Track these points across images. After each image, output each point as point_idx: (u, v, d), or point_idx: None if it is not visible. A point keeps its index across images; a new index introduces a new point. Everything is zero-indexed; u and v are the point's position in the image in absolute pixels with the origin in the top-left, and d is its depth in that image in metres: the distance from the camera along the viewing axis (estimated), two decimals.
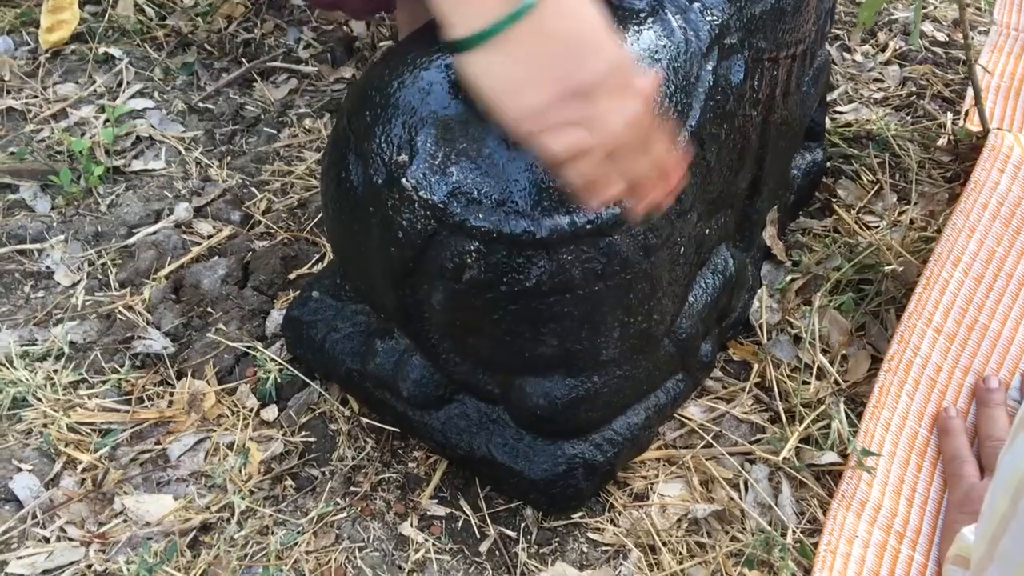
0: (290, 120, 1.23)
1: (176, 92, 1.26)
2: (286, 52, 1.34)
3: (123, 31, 1.34)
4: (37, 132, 1.18)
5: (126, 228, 1.06)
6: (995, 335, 0.86)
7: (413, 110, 0.70)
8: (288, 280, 1.01)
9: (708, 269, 0.87)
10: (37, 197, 1.09)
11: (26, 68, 1.28)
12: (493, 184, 0.67)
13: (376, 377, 0.83)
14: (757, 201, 0.93)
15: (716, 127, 0.79)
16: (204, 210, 1.09)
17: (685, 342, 0.83)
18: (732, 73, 0.80)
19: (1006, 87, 1.20)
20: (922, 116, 1.22)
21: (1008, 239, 0.89)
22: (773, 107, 0.88)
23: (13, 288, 1.00)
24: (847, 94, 1.28)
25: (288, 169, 1.15)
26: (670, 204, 0.70)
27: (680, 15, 0.78)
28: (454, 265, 0.69)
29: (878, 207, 1.08)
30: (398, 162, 0.69)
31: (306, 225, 1.07)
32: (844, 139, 1.17)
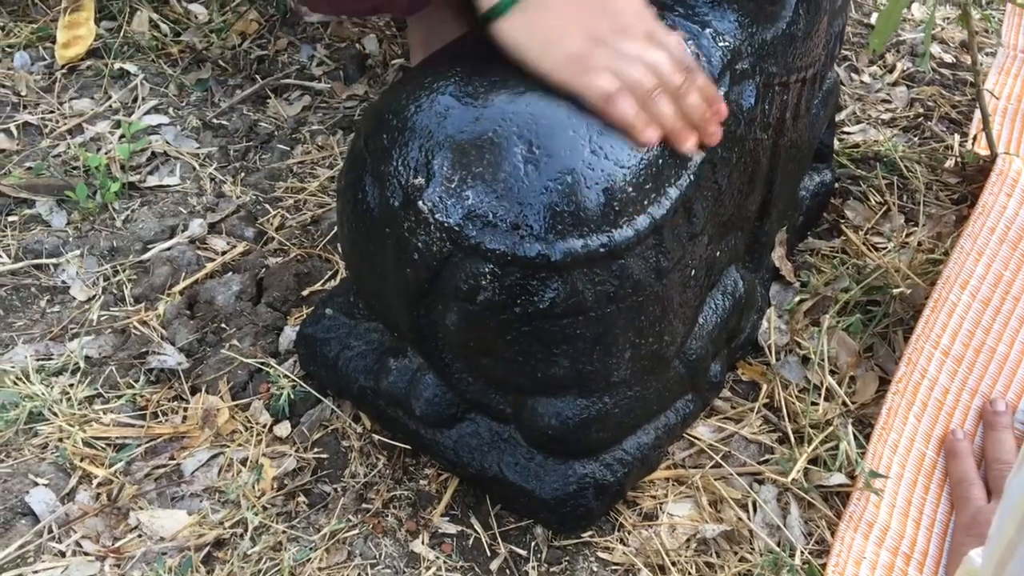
0: (303, 137, 1.24)
1: (191, 108, 1.27)
2: (299, 69, 1.36)
3: (138, 47, 1.36)
4: (53, 147, 1.19)
5: (141, 244, 1.08)
6: (1003, 358, 0.87)
7: (430, 134, 0.71)
8: (301, 297, 1.02)
9: (718, 290, 0.88)
10: (53, 212, 1.10)
11: (42, 83, 1.30)
12: (508, 208, 0.68)
13: (389, 395, 0.83)
14: (767, 223, 0.94)
15: (727, 151, 0.80)
16: (218, 226, 1.11)
17: (695, 363, 0.84)
18: (744, 98, 0.81)
19: (1013, 109, 1.21)
20: (930, 137, 1.23)
21: (1016, 263, 0.90)
22: (783, 130, 0.89)
23: (29, 303, 1.01)
24: (855, 115, 1.29)
25: (301, 186, 1.16)
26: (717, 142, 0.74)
27: (692, 41, 0.79)
28: (469, 287, 0.70)
29: (886, 228, 1.09)
30: (414, 185, 0.70)
31: (319, 242, 1.08)
32: (852, 160, 1.18)
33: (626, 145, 0.71)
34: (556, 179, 0.69)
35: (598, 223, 0.69)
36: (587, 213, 0.69)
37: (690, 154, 0.73)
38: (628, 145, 0.71)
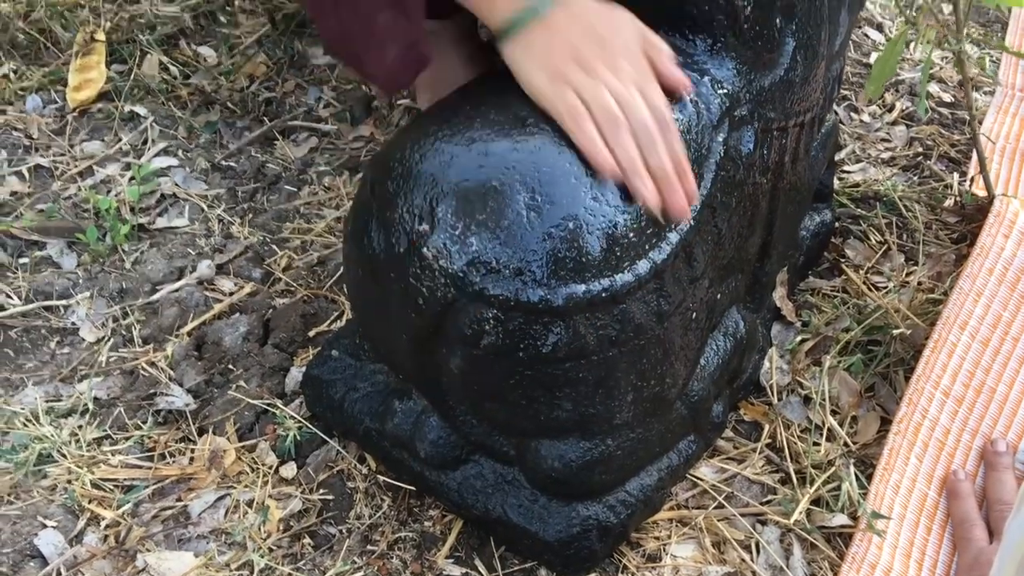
0: (310, 178, 1.26)
1: (200, 150, 1.29)
2: (307, 111, 1.38)
3: (148, 90, 1.38)
4: (64, 190, 1.21)
5: (150, 285, 1.09)
6: (1003, 398, 0.87)
7: (434, 181, 0.73)
8: (308, 337, 1.03)
9: (719, 332, 0.89)
10: (64, 254, 1.12)
11: (54, 126, 1.32)
12: (511, 254, 0.70)
13: (394, 437, 0.84)
14: (767, 264, 0.95)
15: (727, 196, 0.81)
16: (226, 267, 1.12)
17: (697, 404, 0.84)
18: (742, 143, 0.82)
19: (1011, 149, 1.22)
20: (929, 177, 1.25)
21: (1014, 303, 0.90)
22: (782, 173, 0.90)
23: (39, 344, 1.03)
24: (855, 154, 1.30)
25: (308, 227, 1.18)
26: (687, 216, 0.74)
27: (692, 88, 0.80)
28: (472, 332, 0.71)
29: (886, 267, 1.10)
30: (419, 232, 0.72)
31: (325, 283, 1.10)
32: (852, 199, 1.20)
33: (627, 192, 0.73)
34: (558, 226, 0.70)
35: (600, 268, 0.71)
36: (589, 259, 0.70)
37: (646, 207, 0.72)
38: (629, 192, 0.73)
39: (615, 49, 0.74)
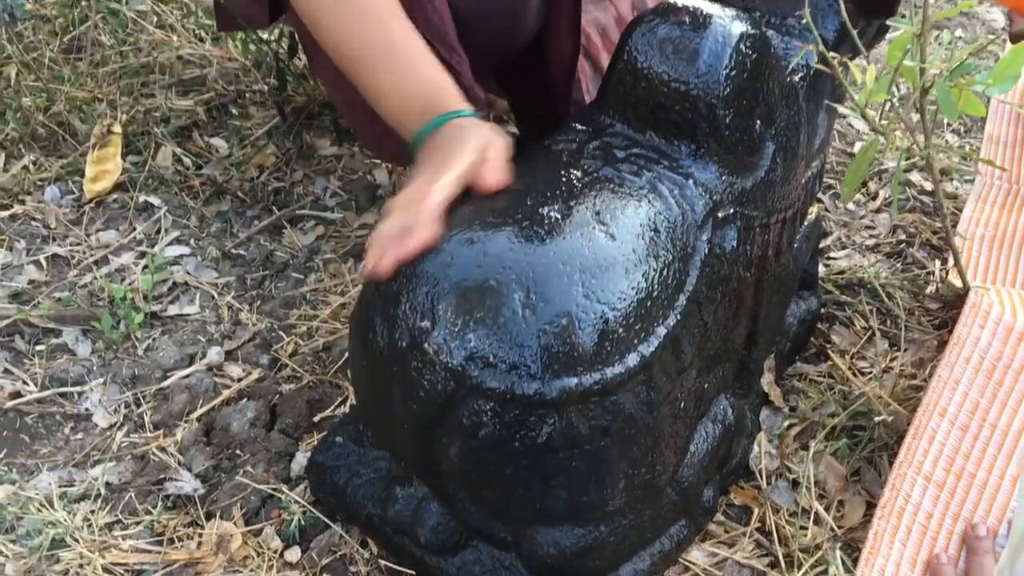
0: (316, 265, 1.31)
1: (211, 239, 1.35)
2: (314, 200, 1.44)
3: (162, 180, 1.44)
4: (80, 278, 1.26)
5: (161, 371, 1.13)
6: (982, 483, 0.91)
7: (435, 280, 0.77)
8: (313, 423, 1.06)
9: (708, 419, 0.92)
10: (79, 341, 1.16)
11: (71, 216, 1.38)
12: (507, 349, 0.74)
13: (395, 522, 0.88)
14: (754, 352, 0.99)
15: (713, 291, 0.86)
16: (235, 353, 1.16)
17: (687, 490, 0.88)
18: (726, 241, 0.87)
19: (991, 237, 1.27)
20: (912, 263, 1.30)
21: (991, 391, 0.94)
22: (766, 267, 0.95)
23: (54, 430, 1.06)
24: (840, 241, 1.36)
25: (314, 313, 1.23)
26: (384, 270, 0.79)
27: (677, 190, 0.85)
28: (471, 423, 0.75)
29: (871, 353, 1.14)
30: (421, 328, 0.76)
31: (330, 368, 1.14)
32: (838, 286, 1.24)
33: (617, 289, 0.77)
34: (551, 322, 0.74)
35: (591, 362, 0.75)
36: (581, 353, 0.74)
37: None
38: (618, 289, 0.77)
39: (430, 161, 0.85)
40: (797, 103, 0.95)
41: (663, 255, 0.81)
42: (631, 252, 0.79)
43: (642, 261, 0.79)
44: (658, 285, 0.79)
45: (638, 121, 0.89)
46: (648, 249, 0.80)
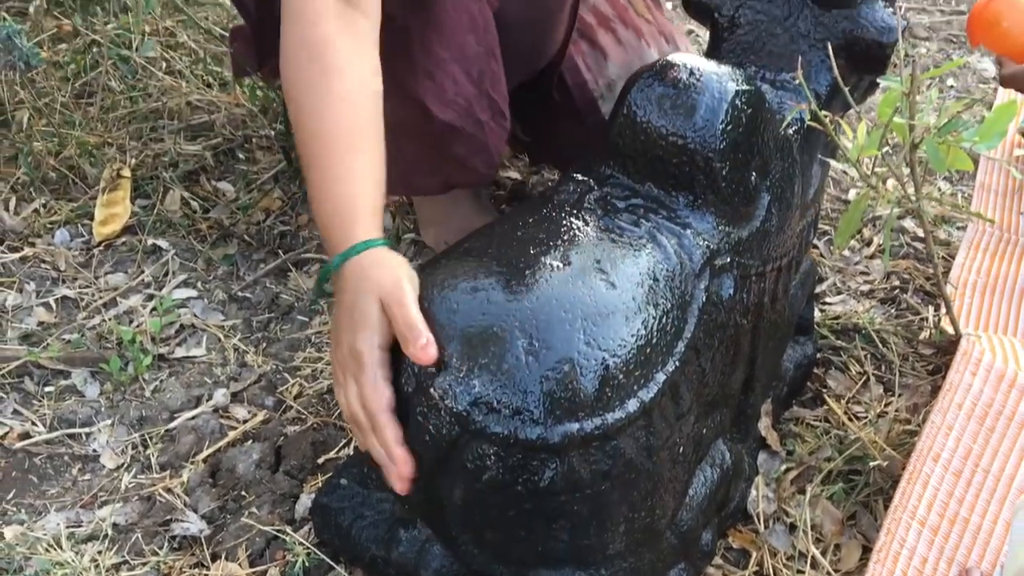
0: (321, 308, 1.34)
1: (217, 282, 1.37)
2: (319, 244, 1.46)
3: (170, 224, 1.47)
4: (89, 320, 1.29)
5: (168, 413, 1.15)
6: (976, 528, 0.92)
7: (441, 327, 0.80)
8: (317, 465, 1.08)
9: (707, 463, 0.94)
10: (87, 383, 1.18)
11: (80, 259, 1.40)
12: (511, 395, 0.76)
13: (399, 564, 0.89)
14: (751, 396, 1.02)
15: (710, 337, 0.88)
16: (240, 395, 1.18)
17: (686, 534, 0.89)
18: (723, 289, 0.90)
19: (983, 284, 1.30)
20: (906, 309, 1.32)
21: (983, 437, 0.96)
22: (762, 313, 0.98)
23: (62, 471, 1.08)
24: (835, 286, 1.38)
25: (319, 355, 1.25)
26: (403, 492, 0.81)
27: (675, 239, 0.88)
28: (475, 466, 0.77)
29: (866, 397, 1.16)
30: (427, 373, 0.78)
31: (334, 411, 1.16)
32: (833, 331, 1.27)
33: (617, 336, 0.79)
34: (554, 369, 0.76)
35: (592, 407, 0.77)
36: (582, 399, 0.76)
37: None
38: (619, 336, 0.80)
39: (343, 340, 0.83)
40: (791, 155, 0.98)
41: (662, 303, 0.83)
42: (631, 300, 0.81)
43: (642, 309, 0.81)
44: (657, 332, 0.82)
45: (637, 172, 0.92)
46: (647, 297, 0.82)
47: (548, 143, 1.43)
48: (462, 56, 1.11)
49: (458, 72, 1.11)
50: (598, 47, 1.35)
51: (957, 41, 2.20)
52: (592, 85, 1.33)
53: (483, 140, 1.16)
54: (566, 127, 1.34)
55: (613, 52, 1.36)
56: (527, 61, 1.22)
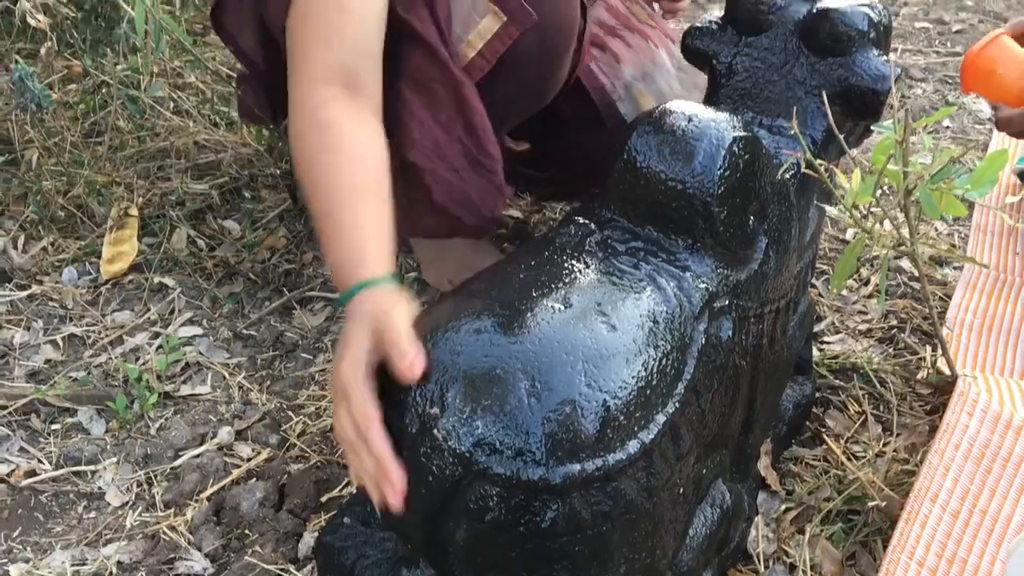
0: (325, 346, 1.35)
1: (223, 320, 1.39)
2: (323, 281, 1.48)
3: (176, 262, 1.49)
4: (96, 357, 1.30)
5: (173, 451, 1.16)
6: (973, 568, 0.93)
7: (445, 369, 0.81)
8: (320, 503, 1.09)
9: (707, 503, 0.95)
10: (93, 421, 1.19)
11: (87, 297, 1.42)
12: (513, 436, 0.77)
13: None
14: (751, 436, 1.03)
15: (709, 379, 0.89)
16: (245, 433, 1.19)
17: (687, 574, 0.90)
18: (722, 331, 0.91)
19: (979, 324, 1.32)
20: (904, 349, 1.33)
21: (980, 478, 0.97)
22: (761, 354, 0.99)
23: (68, 508, 1.09)
24: (834, 325, 1.40)
25: (322, 393, 1.26)
26: (397, 506, 0.82)
27: (675, 282, 0.90)
28: (477, 507, 0.78)
29: (864, 437, 1.17)
30: (431, 415, 0.80)
31: (337, 449, 1.17)
32: (832, 371, 1.28)
33: (618, 378, 0.81)
34: (555, 410, 0.78)
35: (593, 449, 0.78)
36: (583, 440, 0.78)
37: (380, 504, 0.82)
38: (620, 378, 0.81)
39: (336, 368, 0.86)
40: (788, 199, 1.00)
41: (662, 345, 0.84)
42: (631, 342, 0.83)
43: (642, 351, 0.83)
44: (657, 374, 0.83)
45: (638, 216, 0.94)
46: (648, 339, 0.84)
47: (566, 161, 1.48)
48: (429, 102, 1.14)
49: (424, 115, 1.14)
50: (609, 52, 1.40)
51: (953, 82, 2.24)
52: (609, 88, 1.37)
53: (461, 188, 1.18)
54: (586, 137, 1.38)
55: (625, 55, 1.41)
56: (536, 95, 1.26)
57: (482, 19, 1.13)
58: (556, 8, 1.16)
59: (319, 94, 0.99)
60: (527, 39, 1.15)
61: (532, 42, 1.16)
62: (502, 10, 1.12)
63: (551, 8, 1.15)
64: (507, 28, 1.13)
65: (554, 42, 1.19)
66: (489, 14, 1.13)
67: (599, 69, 1.37)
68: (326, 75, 1.00)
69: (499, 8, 1.12)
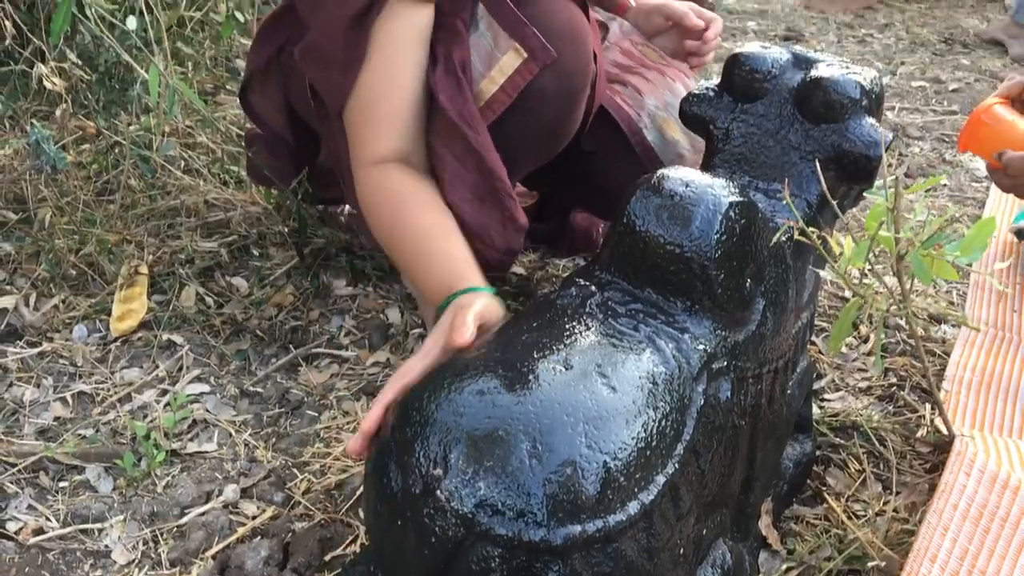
0: (330, 403, 1.37)
1: (230, 377, 1.41)
2: (329, 338, 1.50)
3: (185, 319, 1.51)
4: (104, 415, 1.32)
5: (179, 508, 1.17)
6: None
7: (448, 430, 0.83)
8: (324, 562, 1.10)
9: (708, 563, 0.96)
10: (101, 478, 1.21)
11: (97, 354, 1.44)
12: (515, 497, 0.78)
13: None
14: (751, 496, 1.04)
15: (709, 440, 0.91)
16: (250, 491, 1.21)
17: None
18: (721, 392, 0.93)
19: (977, 381, 1.33)
20: (903, 406, 1.35)
21: (979, 538, 0.98)
22: (760, 414, 1.00)
23: (74, 567, 1.10)
24: (834, 382, 1.41)
25: (327, 451, 1.27)
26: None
27: (674, 344, 0.92)
28: (480, 568, 0.79)
29: (865, 495, 1.18)
30: (434, 475, 0.81)
31: (342, 507, 1.18)
32: (832, 428, 1.29)
33: (618, 439, 0.82)
34: (557, 472, 0.79)
35: (594, 510, 0.79)
36: (584, 501, 0.79)
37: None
38: (620, 439, 0.82)
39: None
40: (785, 262, 1.02)
41: (661, 406, 0.86)
42: (631, 403, 0.84)
43: (642, 412, 0.84)
44: (657, 435, 0.84)
45: (637, 279, 0.96)
46: (647, 401, 0.85)
47: (584, 198, 1.59)
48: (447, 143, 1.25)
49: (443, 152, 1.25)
50: (631, 86, 1.48)
51: (949, 141, 2.28)
52: (635, 117, 1.44)
53: (479, 222, 1.24)
54: (612, 166, 1.45)
55: (645, 88, 1.48)
56: (552, 135, 1.32)
57: (503, 55, 1.21)
58: (572, 50, 1.24)
59: (381, 169, 1.19)
60: (545, 77, 1.22)
61: (549, 81, 1.23)
62: (523, 47, 1.21)
63: (567, 49, 1.23)
64: (528, 64, 1.21)
65: (570, 82, 1.26)
66: (511, 50, 1.21)
67: (623, 101, 1.45)
68: (388, 157, 1.20)
69: (521, 45, 1.20)
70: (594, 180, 1.50)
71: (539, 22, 1.21)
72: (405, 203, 1.18)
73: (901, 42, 3.17)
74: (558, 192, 1.63)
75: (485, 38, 1.22)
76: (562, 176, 1.46)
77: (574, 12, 1.26)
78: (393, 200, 1.18)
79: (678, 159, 1.45)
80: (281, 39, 1.40)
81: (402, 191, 1.18)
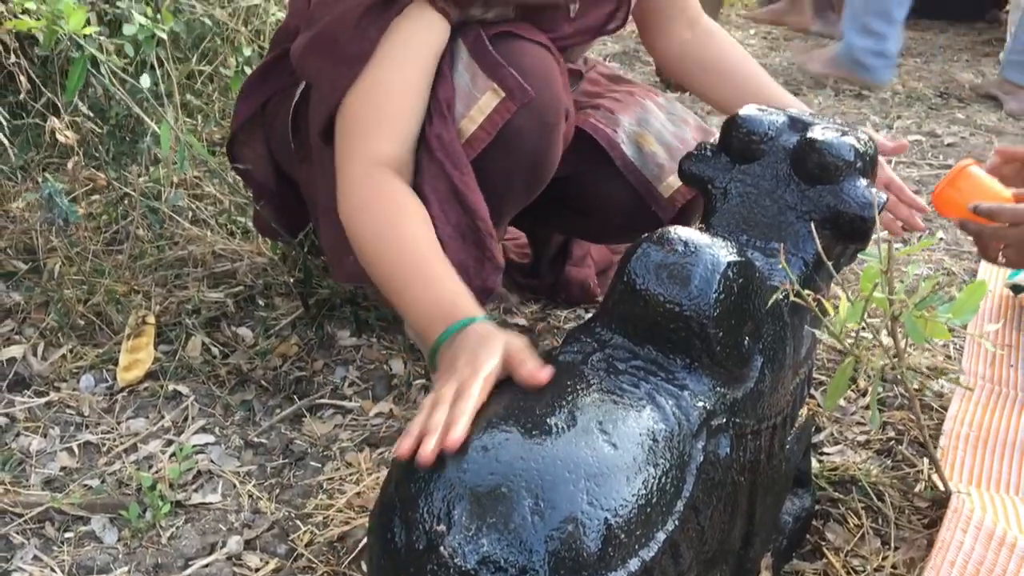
0: (334, 454, 1.38)
1: (235, 427, 1.42)
2: (333, 388, 1.52)
3: (191, 369, 1.53)
4: (110, 465, 1.33)
5: (183, 560, 1.18)
6: None
7: (451, 485, 0.84)
8: None
9: None
10: (106, 529, 1.22)
11: (103, 404, 1.46)
12: (517, 554, 0.80)
13: None
14: (751, 551, 1.04)
15: (708, 496, 0.92)
16: (254, 543, 1.21)
17: None
18: (720, 448, 0.94)
19: (975, 437, 1.34)
20: (901, 461, 1.36)
21: None
22: (759, 470, 1.02)
23: None
24: (833, 436, 1.42)
25: (330, 502, 1.28)
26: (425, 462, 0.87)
27: (673, 400, 0.93)
28: None
29: (864, 550, 1.19)
30: (437, 531, 0.82)
31: (344, 559, 1.18)
32: (831, 483, 1.30)
33: (619, 496, 0.84)
34: (558, 528, 0.80)
35: (595, 567, 0.80)
36: (585, 558, 0.80)
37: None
38: (620, 496, 0.84)
39: (462, 362, 0.96)
40: (782, 319, 1.04)
41: (661, 463, 0.88)
42: (632, 460, 0.86)
43: (642, 469, 0.86)
44: (657, 492, 0.86)
45: (637, 336, 0.98)
46: (647, 457, 0.87)
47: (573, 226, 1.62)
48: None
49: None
50: (603, 108, 1.51)
51: None
52: (612, 134, 1.46)
53: (457, 258, 1.24)
54: (592, 183, 1.49)
55: (617, 108, 1.51)
56: (532, 172, 1.34)
57: (482, 96, 1.25)
58: (544, 87, 1.27)
59: (382, 172, 1.17)
60: (522, 115, 1.26)
61: (526, 118, 1.26)
62: (501, 87, 1.24)
63: (539, 86, 1.26)
64: (505, 103, 1.24)
65: (546, 119, 1.29)
66: (489, 91, 1.24)
67: (598, 121, 1.47)
68: (386, 161, 1.18)
69: (499, 86, 1.24)
70: (571, 204, 1.53)
71: (511, 61, 1.25)
72: (403, 215, 1.16)
73: (897, 96, 3.22)
74: (539, 222, 1.65)
75: (463, 77, 1.25)
76: (540, 206, 1.48)
77: (542, 51, 1.30)
78: (392, 206, 1.16)
79: (658, 169, 1.47)
80: (268, 92, 1.44)
81: (401, 201, 1.17)
